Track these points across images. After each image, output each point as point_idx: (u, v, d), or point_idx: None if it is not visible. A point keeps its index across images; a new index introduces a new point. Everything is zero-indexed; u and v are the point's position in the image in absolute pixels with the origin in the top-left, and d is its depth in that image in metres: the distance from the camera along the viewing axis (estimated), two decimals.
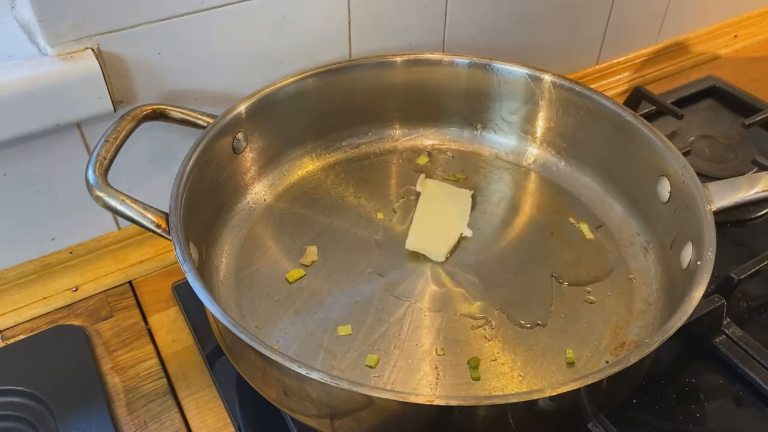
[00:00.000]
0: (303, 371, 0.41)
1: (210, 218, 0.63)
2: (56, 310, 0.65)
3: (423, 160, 0.75)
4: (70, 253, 0.68)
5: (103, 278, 0.68)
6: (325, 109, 0.71)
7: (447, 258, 0.64)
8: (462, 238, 0.66)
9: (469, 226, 0.67)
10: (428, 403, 0.39)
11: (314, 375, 0.41)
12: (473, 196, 0.70)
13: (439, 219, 0.68)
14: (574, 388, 0.41)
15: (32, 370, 0.58)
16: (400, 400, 0.40)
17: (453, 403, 0.39)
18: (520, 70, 0.70)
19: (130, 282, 0.68)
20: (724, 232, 0.53)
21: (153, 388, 0.59)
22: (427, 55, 0.72)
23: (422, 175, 0.72)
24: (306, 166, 0.73)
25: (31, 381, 0.57)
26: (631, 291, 0.61)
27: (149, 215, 0.52)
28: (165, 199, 0.55)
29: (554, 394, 0.40)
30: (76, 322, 0.64)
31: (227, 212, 0.66)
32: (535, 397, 0.40)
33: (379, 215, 0.68)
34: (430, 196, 0.70)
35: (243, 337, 0.43)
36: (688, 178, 0.58)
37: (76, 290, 0.67)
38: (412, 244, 0.65)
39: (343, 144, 0.75)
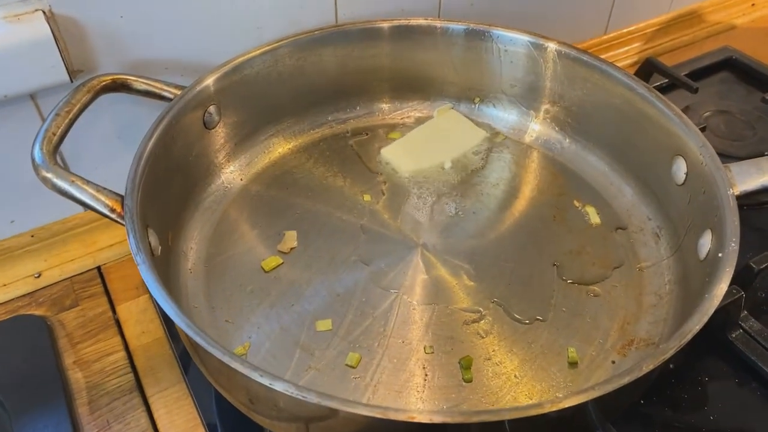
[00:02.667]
0: (266, 382, 0.36)
1: (178, 201, 0.58)
2: (17, 298, 0.62)
3: (396, 135, 0.70)
4: (32, 236, 0.65)
5: (68, 263, 0.64)
6: (307, 81, 0.66)
7: (413, 176, 0.65)
8: (456, 218, 0.61)
9: (460, 199, 0.64)
10: (409, 420, 0.34)
11: (278, 386, 0.36)
12: (488, 139, 0.69)
13: (429, 142, 0.68)
14: (579, 402, 0.36)
15: None
16: (378, 416, 0.35)
17: (437, 419, 0.34)
18: (522, 38, 0.65)
19: (98, 267, 0.64)
20: (739, 216, 0.49)
21: (118, 384, 0.55)
22: (419, 21, 0.67)
23: (445, 105, 0.71)
24: (286, 144, 0.68)
25: None
26: (641, 282, 0.56)
27: (103, 198, 0.47)
28: None
29: (554, 409, 0.35)
30: (38, 312, 0.61)
31: (198, 194, 0.61)
32: (532, 413, 0.35)
33: (366, 197, 0.63)
34: (439, 123, 0.70)
35: (200, 341, 0.38)
36: (707, 158, 0.53)
37: (38, 276, 0.63)
38: (386, 152, 0.67)
39: (329, 119, 0.70)
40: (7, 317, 0.59)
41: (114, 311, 0.61)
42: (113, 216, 0.47)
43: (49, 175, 0.47)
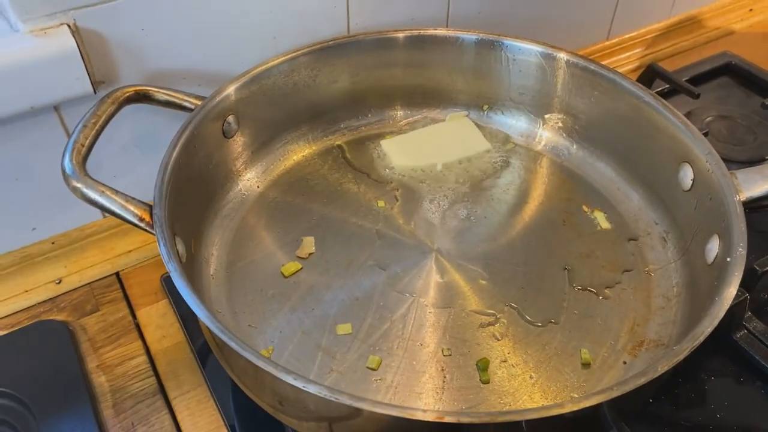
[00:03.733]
0: (299, 384, 0.37)
1: (199, 208, 0.59)
2: (38, 303, 0.62)
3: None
4: (53, 243, 0.65)
5: (88, 269, 0.65)
6: (321, 89, 0.67)
7: (405, 172, 0.67)
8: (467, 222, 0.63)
9: (471, 205, 0.65)
10: (438, 420, 0.36)
11: (312, 389, 0.37)
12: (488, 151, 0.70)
13: (430, 143, 0.70)
14: (599, 401, 0.37)
15: (12, 369, 0.56)
16: (407, 417, 0.36)
17: (465, 420, 0.36)
18: (532, 48, 0.66)
19: (117, 273, 0.65)
20: None
21: (141, 387, 0.56)
22: (431, 31, 0.68)
23: (460, 112, 0.73)
24: (302, 151, 0.69)
25: (11, 380, 0.54)
26: (649, 285, 0.58)
27: (132, 208, 0.48)
28: (152, 187, 0.51)
29: (575, 409, 0.37)
30: (60, 317, 0.61)
31: (218, 201, 0.62)
32: (555, 413, 0.37)
33: (380, 203, 0.65)
34: (447, 127, 0.72)
35: (233, 345, 0.39)
36: (713, 165, 0.54)
37: (59, 283, 0.64)
38: (386, 143, 0.69)
39: (341, 126, 0.71)
40: (30, 323, 0.60)
41: (134, 316, 0.61)
42: (142, 225, 0.48)
43: (79, 185, 0.48)
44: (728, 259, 0.47)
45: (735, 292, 0.44)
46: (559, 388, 0.51)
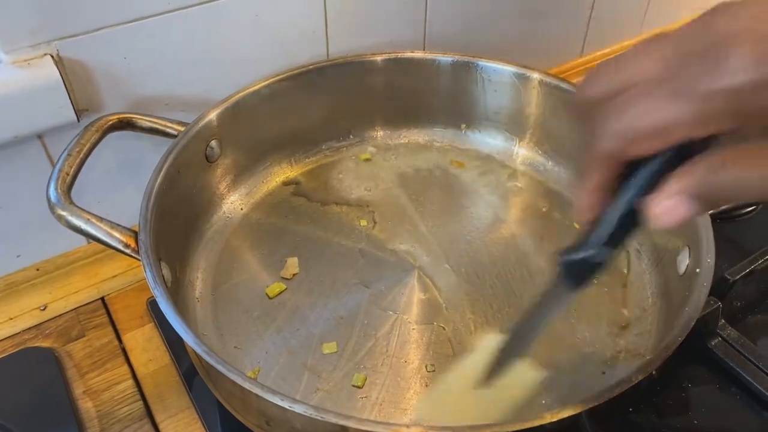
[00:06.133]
0: (286, 404, 0.38)
1: (183, 232, 0.60)
2: (23, 331, 0.62)
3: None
4: (37, 270, 0.66)
5: (73, 295, 0.65)
6: (302, 112, 0.69)
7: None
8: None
9: (452, 222, 0.66)
10: None
11: (298, 408, 0.38)
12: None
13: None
14: (575, 412, 0.39)
15: None
16: None
17: None
18: (506, 69, 0.68)
19: (102, 298, 0.65)
20: (713, 230, 0.52)
21: (128, 412, 0.56)
22: (409, 54, 0.69)
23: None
24: (283, 173, 0.70)
25: None
26: (625, 296, 0.59)
27: (117, 235, 0.49)
28: (136, 211, 0.52)
29: (554, 420, 0.38)
30: (45, 344, 0.61)
31: (202, 225, 0.63)
32: (535, 424, 0.38)
33: (362, 222, 0.66)
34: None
35: (220, 368, 0.40)
36: None
37: (44, 309, 0.64)
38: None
39: (323, 147, 0.72)
40: (14, 350, 0.59)
41: (120, 340, 0.61)
42: (128, 251, 0.48)
43: (64, 213, 0.49)
44: (698, 270, 0.49)
45: (704, 302, 0.46)
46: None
